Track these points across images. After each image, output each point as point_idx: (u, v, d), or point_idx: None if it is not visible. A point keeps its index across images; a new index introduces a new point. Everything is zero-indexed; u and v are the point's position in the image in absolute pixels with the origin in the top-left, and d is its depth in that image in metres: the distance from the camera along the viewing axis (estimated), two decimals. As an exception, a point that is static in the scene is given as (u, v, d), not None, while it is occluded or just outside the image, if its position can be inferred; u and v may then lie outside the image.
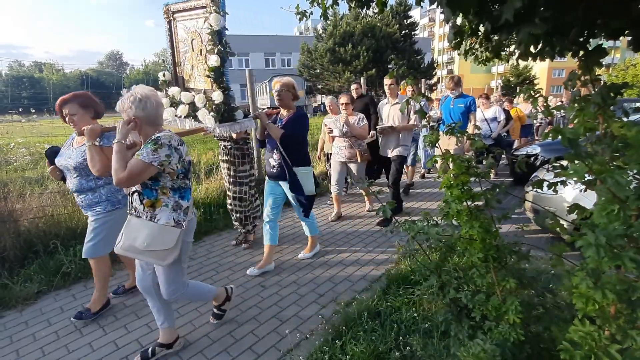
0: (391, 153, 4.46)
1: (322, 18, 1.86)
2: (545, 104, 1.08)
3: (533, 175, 4.13)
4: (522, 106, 8.69)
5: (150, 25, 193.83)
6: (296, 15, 1.92)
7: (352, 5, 1.79)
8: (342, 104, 4.35)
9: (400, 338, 2.16)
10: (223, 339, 2.34)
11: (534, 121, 9.76)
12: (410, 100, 1.64)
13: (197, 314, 2.60)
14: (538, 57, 1.67)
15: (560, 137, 0.90)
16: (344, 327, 2.31)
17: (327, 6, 1.78)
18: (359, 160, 4.39)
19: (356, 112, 4.48)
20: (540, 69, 36.91)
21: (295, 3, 2.07)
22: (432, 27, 61.70)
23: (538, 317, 1.32)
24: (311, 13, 1.91)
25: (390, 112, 4.50)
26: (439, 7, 1.17)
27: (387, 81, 4.60)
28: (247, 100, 5.11)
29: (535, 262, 2.66)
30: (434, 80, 29.38)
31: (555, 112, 1.19)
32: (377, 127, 4.60)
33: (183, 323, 2.50)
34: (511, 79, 36.11)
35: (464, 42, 1.86)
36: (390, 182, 4.51)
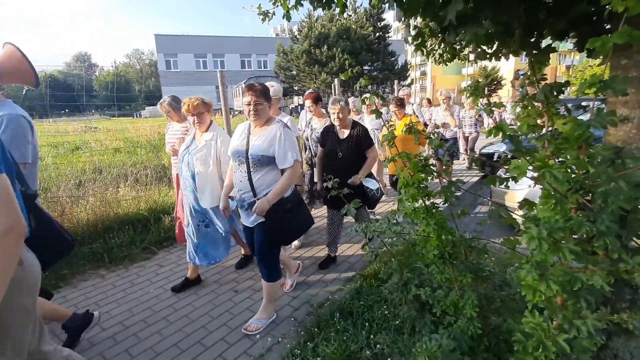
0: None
1: (285, 19, 1.85)
2: (488, 102, 1.11)
3: (498, 172, 4.29)
4: (440, 114, 5.89)
5: (122, 25, 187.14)
6: (259, 16, 1.89)
7: (315, 5, 1.78)
8: None
9: (372, 336, 2.17)
10: (192, 348, 2.27)
11: (467, 133, 6.98)
12: None
13: (166, 323, 2.52)
14: (494, 57, 1.73)
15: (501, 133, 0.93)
16: (316, 329, 2.30)
17: (289, 7, 1.76)
18: None
19: None
20: (507, 70, 38.35)
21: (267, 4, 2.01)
22: (405, 30, 62.98)
23: (497, 310, 1.36)
24: (273, 14, 1.88)
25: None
26: (390, 8, 1.18)
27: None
28: (221, 103, 4.96)
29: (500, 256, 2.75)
30: (408, 81, 30.02)
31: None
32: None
33: (150, 334, 2.41)
34: (480, 80, 37.12)
35: (426, 43, 1.90)
36: None
